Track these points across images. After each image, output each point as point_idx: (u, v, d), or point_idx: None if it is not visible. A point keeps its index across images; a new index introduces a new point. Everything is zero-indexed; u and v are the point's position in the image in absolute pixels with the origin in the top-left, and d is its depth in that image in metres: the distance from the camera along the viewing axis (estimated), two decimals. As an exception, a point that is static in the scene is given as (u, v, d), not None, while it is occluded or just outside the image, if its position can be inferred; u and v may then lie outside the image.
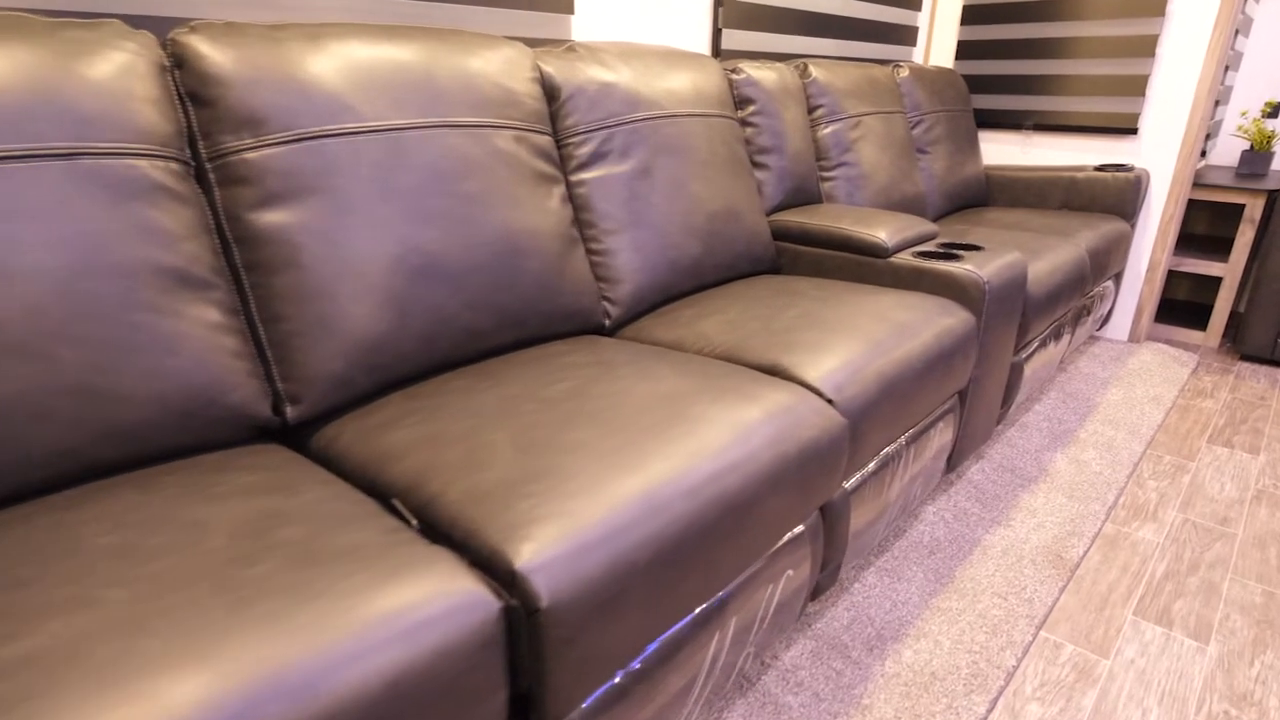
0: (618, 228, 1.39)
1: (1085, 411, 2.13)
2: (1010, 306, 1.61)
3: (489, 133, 1.18)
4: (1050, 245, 2.00)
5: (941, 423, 1.48)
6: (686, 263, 1.49)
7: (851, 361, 1.17)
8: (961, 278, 1.50)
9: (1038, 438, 1.97)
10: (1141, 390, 2.28)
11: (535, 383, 1.04)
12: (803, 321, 1.30)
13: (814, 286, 1.51)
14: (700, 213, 1.52)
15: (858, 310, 1.35)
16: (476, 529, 0.75)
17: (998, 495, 1.69)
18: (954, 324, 1.42)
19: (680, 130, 1.51)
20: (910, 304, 1.41)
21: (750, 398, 1.01)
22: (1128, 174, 2.47)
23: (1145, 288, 2.63)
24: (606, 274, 1.39)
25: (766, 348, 1.21)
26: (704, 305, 1.43)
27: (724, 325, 1.31)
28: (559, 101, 1.36)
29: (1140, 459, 1.90)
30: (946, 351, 1.37)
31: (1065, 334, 2.11)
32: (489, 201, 1.15)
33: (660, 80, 1.52)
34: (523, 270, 1.19)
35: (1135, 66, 2.48)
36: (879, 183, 2.09)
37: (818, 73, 2.00)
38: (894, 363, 1.23)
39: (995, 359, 1.63)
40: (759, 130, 1.79)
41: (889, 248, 1.60)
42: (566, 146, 1.37)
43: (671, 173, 1.47)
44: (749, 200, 1.66)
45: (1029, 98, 2.71)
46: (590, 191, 1.38)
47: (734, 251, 1.60)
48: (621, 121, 1.42)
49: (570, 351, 1.19)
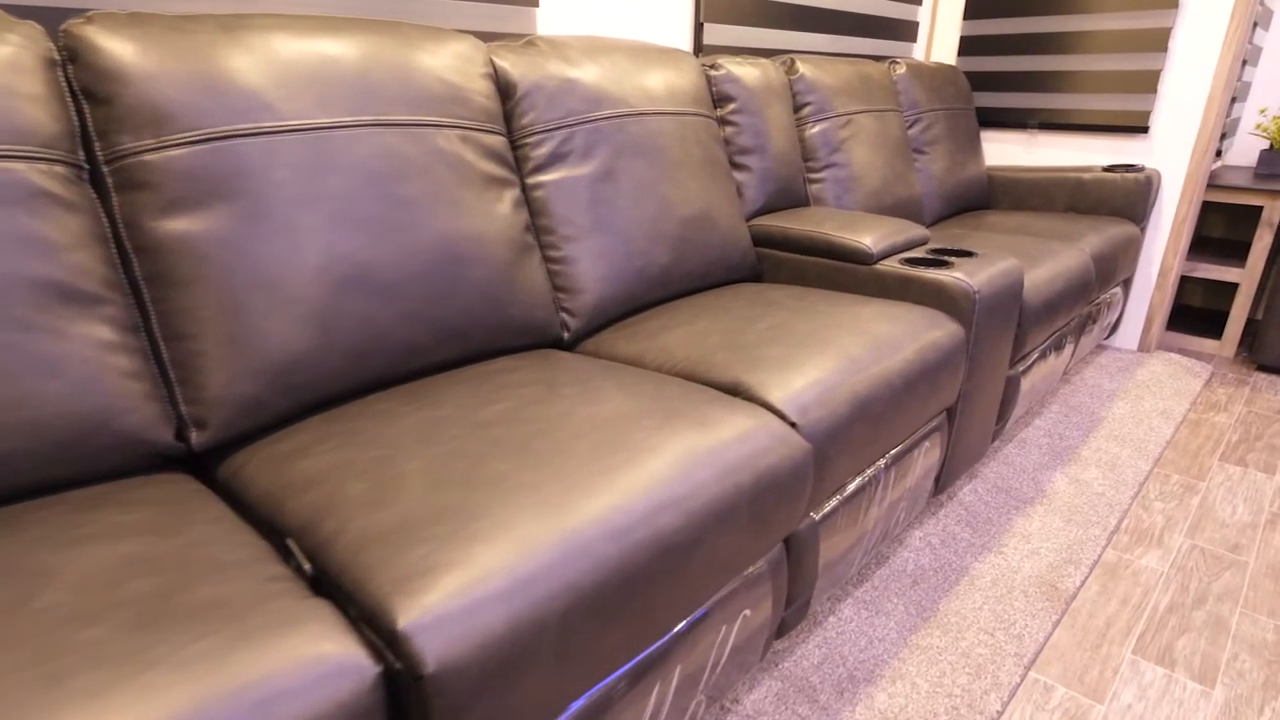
0: (578, 234, 1.31)
1: (1089, 426, 2.01)
2: (1004, 317, 1.50)
3: (430, 132, 1.10)
4: (1052, 251, 1.89)
5: (927, 442, 1.38)
6: (654, 271, 1.40)
7: (821, 380, 1.08)
8: (950, 287, 1.40)
9: (1036, 455, 1.86)
10: (1150, 403, 2.17)
11: (468, 404, 0.96)
12: (773, 335, 1.20)
13: (791, 296, 1.42)
14: (670, 217, 1.43)
15: (834, 322, 1.26)
16: (365, 578, 0.66)
17: (990, 518, 1.59)
18: (940, 337, 1.32)
19: (649, 130, 1.42)
20: (893, 315, 1.31)
21: (701, 423, 0.92)
22: (1137, 175, 2.35)
23: (1156, 294, 2.51)
24: (565, 283, 1.30)
25: (730, 364, 1.12)
26: (671, 316, 1.34)
27: (688, 339, 1.22)
28: (514, 99, 1.28)
29: (1146, 478, 1.79)
30: (931, 367, 1.28)
31: (1068, 344, 2.00)
32: (428, 206, 1.07)
33: (628, 77, 1.43)
34: (465, 280, 1.11)
35: (1146, 61, 2.36)
36: (871, 184, 1.99)
37: (805, 69, 1.90)
38: (870, 381, 1.13)
39: (988, 373, 1.53)
40: (739, 130, 1.69)
41: (873, 254, 1.50)
42: (522, 147, 1.28)
43: (638, 175, 1.39)
44: (726, 204, 1.57)
45: (1034, 95, 2.60)
46: (548, 195, 1.29)
47: (708, 259, 1.51)
48: (583, 120, 1.33)
49: (517, 368, 1.10)
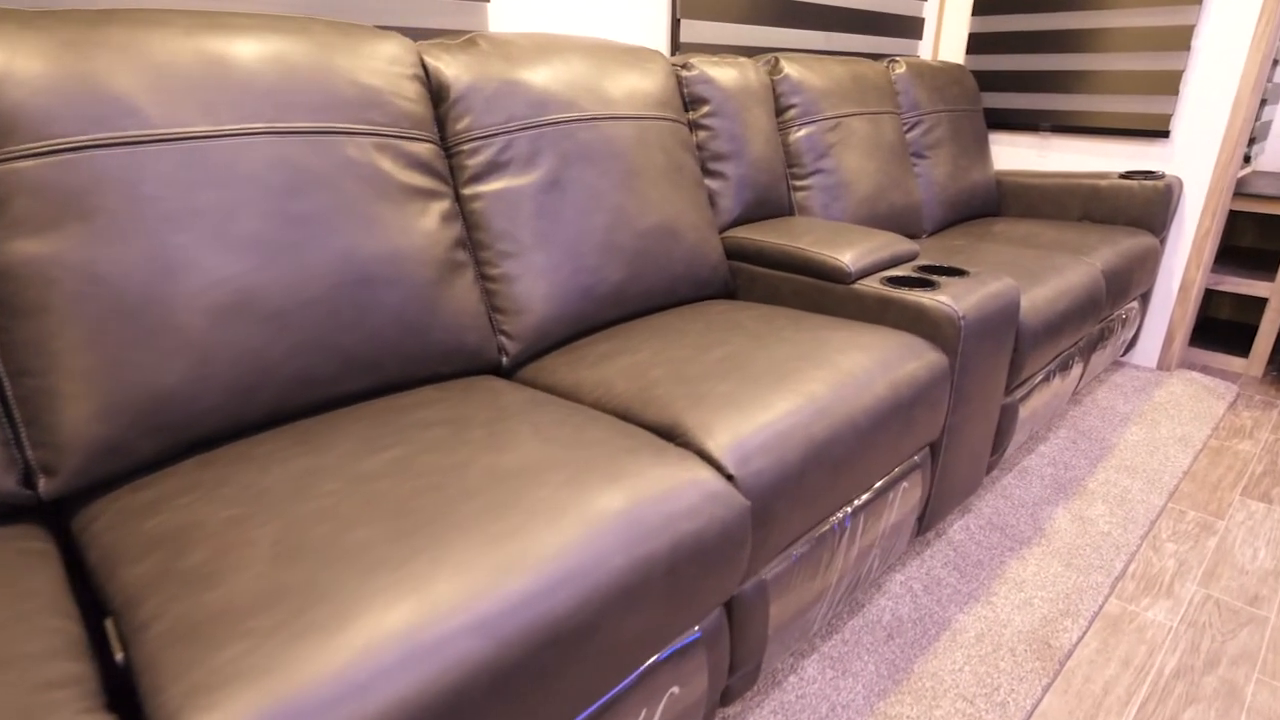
0: (518, 249, 1.19)
1: (1098, 455, 1.86)
2: (996, 342, 1.37)
3: (338, 140, 0.99)
4: (1058, 266, 1.74)
5: (906, 482, 1.25)
6: (605, 289, 1.28)
7: (771, 424, 0.95)
8: (932, 311, 1.27)
9: (1038, 487, 1.71)
10: (1167, 428, 2.01)
11: (358, 449, 0.85)
12: (725, 367, 1.08)
13: (757, 318, 1.29)
14: (626, 230, 1.31)
15: (798, 352, 1.13)
16: (161, 685, 0.55)
17: (981, 561, 1.45)
18: (918, 369, 1.18)
19: (603, 135, 1.30)
20: (866, 343, 1.18)
21: (617, 478, 0.80)
22: (1157, 182, 2.19)
23: (1176, 309, 2.34)
24: (504, 304, 1.19)
25: (670, 402, 1.00)
26: (621, 341, 1.22)
27: (632, 369, 1.10)
28: (448, 102, 1.16)
29: (1158, 516, 1.63)
30: (906, 403, 1.14)
31: (1075, 365, 1.85)
32: (331, 222, 0.96)
33: (582, 78, 1.31)
34: (376, 304, 1.00)
35: (1167, 61, 2.19)
36: (862, 191, 1.85)
37: (791, 68, 1.77)
38: (830, 423, 1.01)
39: (978, 403, 1.39)
40: (713, 134, 1.57)
41: (850, 272, 1.37)
42: (457, 155, 1.17)
43: (589, 184, 1.27)
44: (694, 214, 1.44)
45: (1047, 96, 2.44)
46: (486, 207, 1.18)
47: (671, 275, 1.39)
48: (526, 125, 1.21)
49: (431, 403, 0.99)
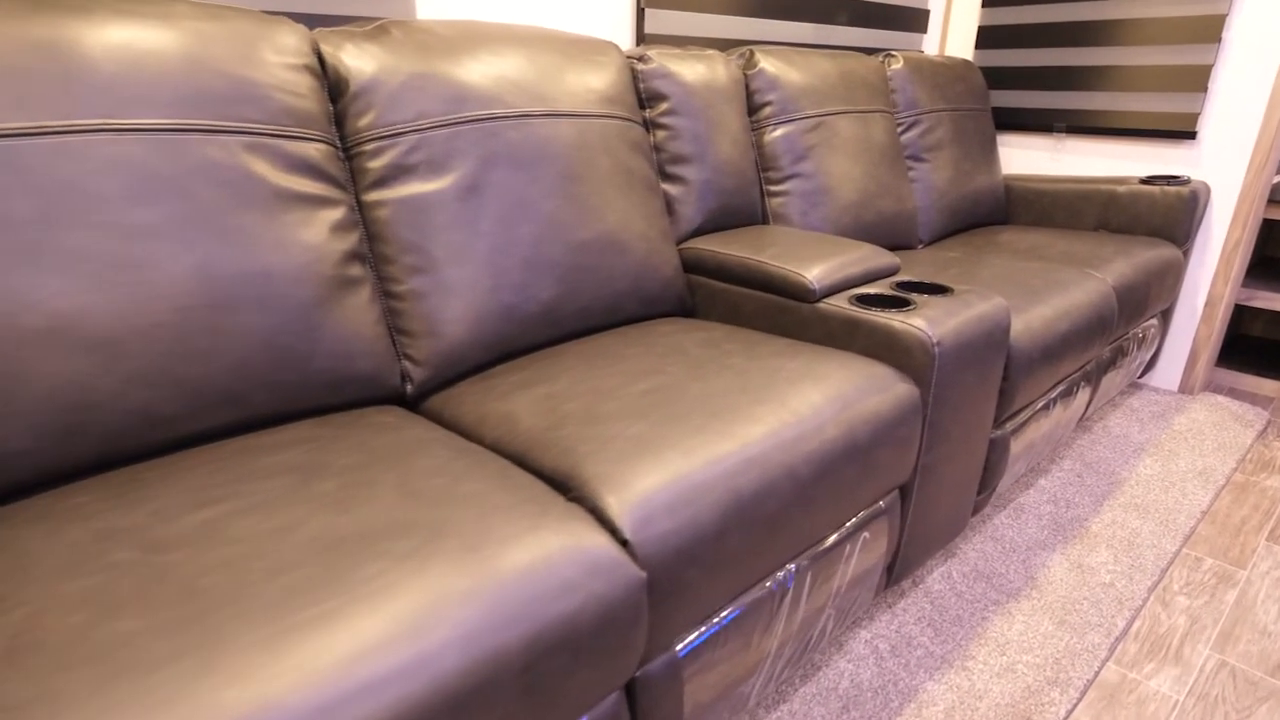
0: (427, 264, 1.06)
1: (1105, 490, 1.68)
2: (981, 370, 1.20)
3: (195, 140, 0.86)
4: (1062, 281, 1.57)
5: (868, 531, 1.09)
6: (533, 308, 1.14)
7: (686, 475, 0.81)
8: (903, 335, 1.11)
9: (1033, 528, 1.54)
10: (1186, 460, 1.82)
11: (176, 505, 0.72)
12: (649, 401, 0.93)
13: (705, 343, 1.15)
14: (559, 242, 1.17)
15: (740, 384, 0.98)
16: None
17: (960, 617, 1.29)
18: (882, 404, 1.03)
19: (535, 135, 1.16)
20: (822, 373, 1.03)
21: (477, 546, 0.66)
22: (1181, 188, 2.00)
23: (1201, 328, 2.14)
24: (409, 325, 1.06)
25: (574, 444, 0.86)
26: (544, 367, 1.08)
27: (544, 402, 0.96)
28: (347, 96, 1.03)
29: (1170, 564, 1.46)
30: (864, 445, 0.99)
31: (1081, 391, 1.67)
32: (181, 236, 0.83)
33: (513, 70, 1.17)
34: (238, 330, 0.87)
35: (1195, 55, 2.00)
36: (846, 198, 1.69)
37: (767, 62, 1.61)
38: (762, 473, 0.86)
39: (959, 439, 1.23)
40: (673, 134, 1.42)
41: (815, 290, 1.22)
42: (358, 156, 1.04)
43: (515, 190, 1.13)
44: (644, 224, 1.30)
45: (1062, 94, 2.25)
46: (390, 216, 1.05)
47: (613, 291, 1.24)
48: (439, 123, 1.08)
49: (296, 443, 0.86)
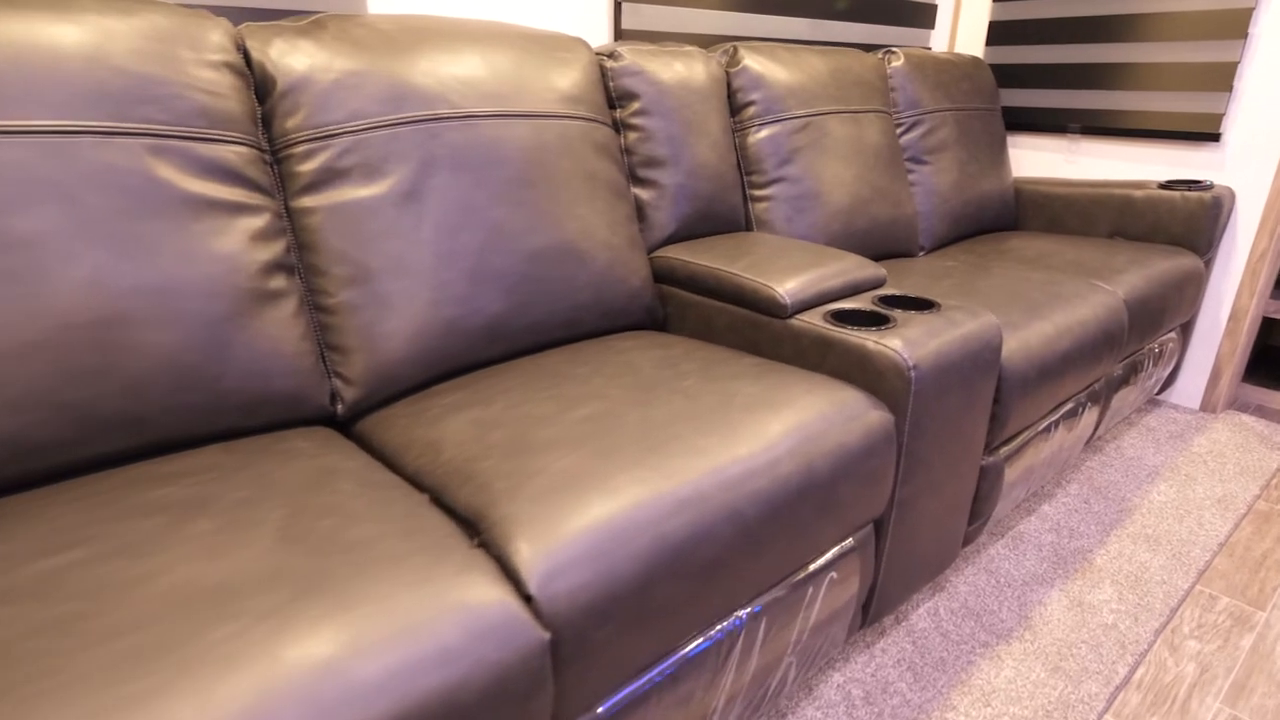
0: (360, 275, 0.99)
1: (1113, 518, 1.57)
2: (967, 394, 1.11)
3: (89, 143, 0.79)
4: (1066, 294, 1.46)
5: (835, 571, 1.00)
6: (477, 323, 1.06)
7: (609, 518, 0.73)
8: (877, 358, 1.02)
9: (1032, 560, 1.43)
10: (1204, 486, 1.69)
11: (26, 549, 0.65)
12: (585, 430, 0.85)
13: (662, 362, 1.06)
14: (508, 251, 1.09)
15: (690, 411, 0.90)
16: None
17: (944, 660, 1.19)
18: (849, 434, 0.94)
19: (483, 137, 1.08)
20: (786, 398, 0.94)
21: (352, 604, 0.59)
22: (1204, 193, 1.87)
23: (1225, 342, 2.01)
24: (340, 341, 0.98)
25: (492, 479, 0.78)
26: (484, 388, 1.00)
27: (473, 428, 0.88)
28: (274, 95, 0.96)
29: (1181, 602, 1.34)
30: (825, 480, 0.90)
31: (1088, 411, 1.56)
32: (68, 247, 0.77)
33: (462, 68, 1.10)
34: (134, 348, 0.80)
35: (1219, 51, 1.87)
36: (836, 203, 1.60)
37: (751, 60, 1.52)
38: (697, 515, 0.77)
39: (942, 469, 1.13)
40: (645, 135, 1.34)
41: (787, 305, 1.13)
42: (286, 160, 0.97)
43: (459, 196, 1.05)
44: (609, 231, 1.22)
45: (1076, 92, 2.13)
46: (321, 223, 0.98)
47: (571, 304, 1.16)
48: (376, 124, 1.01)
49: (190, 474, 0.79)
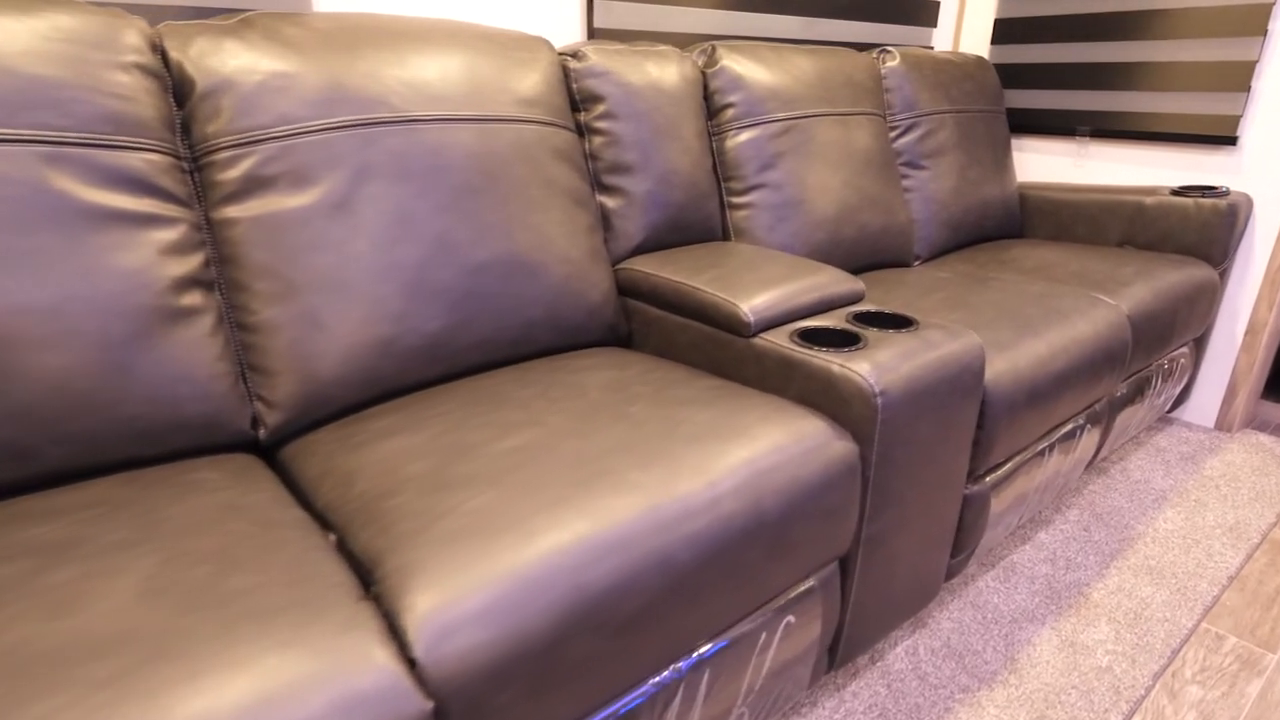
0: (285, 290, 0.92)
1: (1114, 548, 1.47)
2: (943, 421, 1.02)
3: (-28, 150, 0.74)
4: (1064, 310, 1.36)
5: (793, 615, 0.92)
6: (415, 342, 1.00)
7: (519, 569, 0.65)
8: (841, 383, 0.94)
9: (1023, 594, 1.34)
10: (1215, 513, 1.59)
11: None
12: (511, 462, 0.78)
13: (612, 384, 0.99)
14: (451, 264, 1.02)
15: (629, 441, 0.82)
16: None
17: (919, 707, 1.10)
18: (805, 467, 0.86)
19: (424, 142, 1.02)
20: (740, 427, 0.86)
21: (201, 672, 0.52)
22: (1218, 200, 1.76)
23: (1241, 358, 1.90)
24: (263, 362, 0.92)
25: (398, 519, 0.71)
26: (416, 412, 0.94)
27: (393, 459, 0.82)
28: (193, 98, 0.90)
29: (1184, 643, 1.25)
30: (775, 521, 0.82)
31: (1089, 433, 1.46)
32: (-57, 263, 0.71)
33: (404, 69, 1.03)
34: (16, 372, 0.74)
35: (1236, 49, 1.76)
36: (822, 211, 1.51)
37: (730, 60, 1.44)
38: (623, 563, 0.70)
39: (917, 501, 1.05)
40: (611, 140, 1.26)
41: (750, 323, 1.05)
42: (207, 167, 0.91)
43: (398, 205, 0.99)
44: (568, 242, 1.14)
45: (1086, 93, 2.02)
46: (243, 235, 0.91)
47: (522, 320, 1.09)
48: (305, 129, 0.94)
49: (73, 510, 0.73)
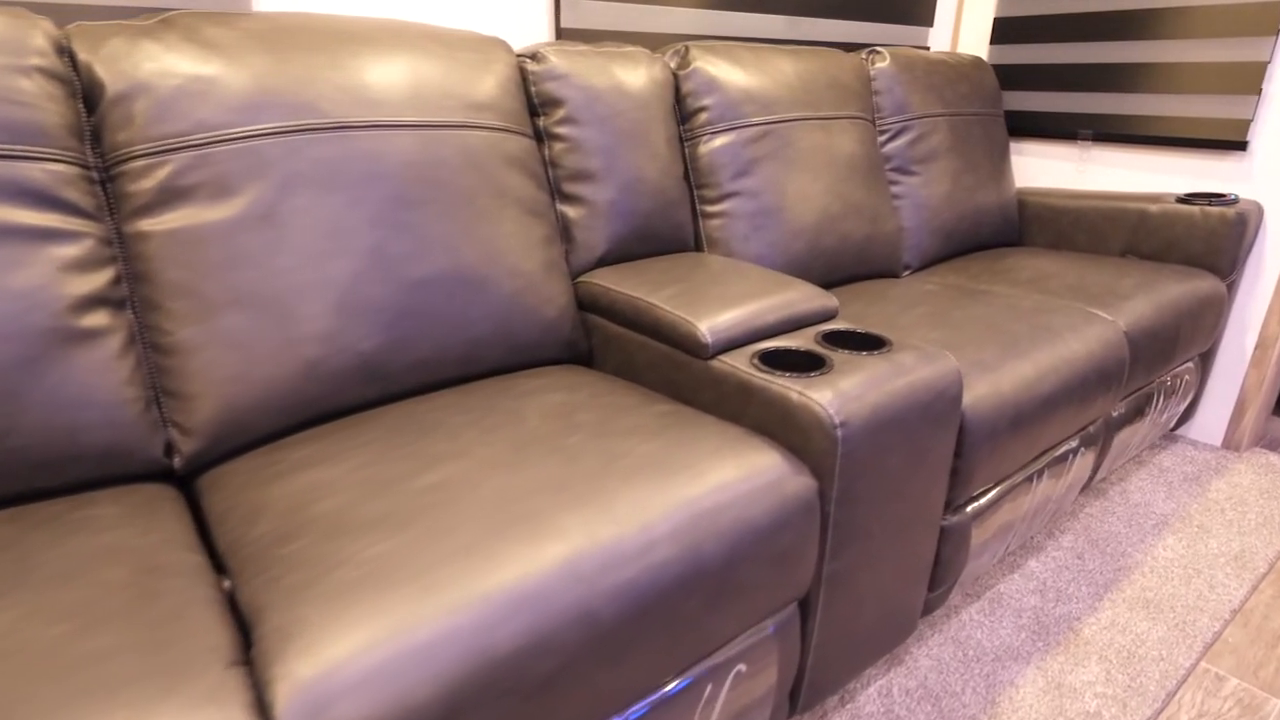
0: (202, 310, 0.86)
1: (1110, 578, 1.39)
2: (914, 451, 0.95)
3: None
4: (1056, 327, 1.28)
5: (744, 664, 0.85)
6: (345, 363, 0.93)
7: (411, 630, 0.59)
8: (800, 412, 0.86)
9: (1008, 629, 1.26)
10: (1219, 540, 1.50)
11: None
12: (424, 503, 0.72)
13: (554, 411, 0.92)
14: (387, 280, 0.96)
15: (561, 478, 0.76)
16: None
17: (889, 756, 1.03)
18: (753, 507, 0.79)
19: (355, 149, 0.95)
20: (683, 463, 0.79)
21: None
22: (1227, 208, 1.67)
23: (1251, 374, 1.80)
24: (178, 386, 0.86)
25: (287, 570, 0.64)
26: (342, 439, 0.87)
27: (300, 494, 0.75)
28: (103, 105, 0.84)
29: (1181, 684, 1.16)
30: (717, 568, 0.75)
31: (1083, 455, 1.38)
32: None
33: (338, 72, 0.97)
34: (-115, 402, 0.69)
35: (1247, 50, 1.67)
36: (801, 219, 1.44)
37: (704, 61, 1.37)
38: (536, 620, 0.63)
39: (886, 536, 0.97)
40: (571, 146, 1.20)
41: (708, 344, 0.98)
42: (118, 178, 0.85)
43: (328, 218, 0.92)
44: (521, 254, 1.08)
45: (1089, 95, 1.94)
46: (157, 250, 0.85)
47: (468, 338, 1.03)
48: (225, 136, 0.88)
49: (-52, 551, 0.67)
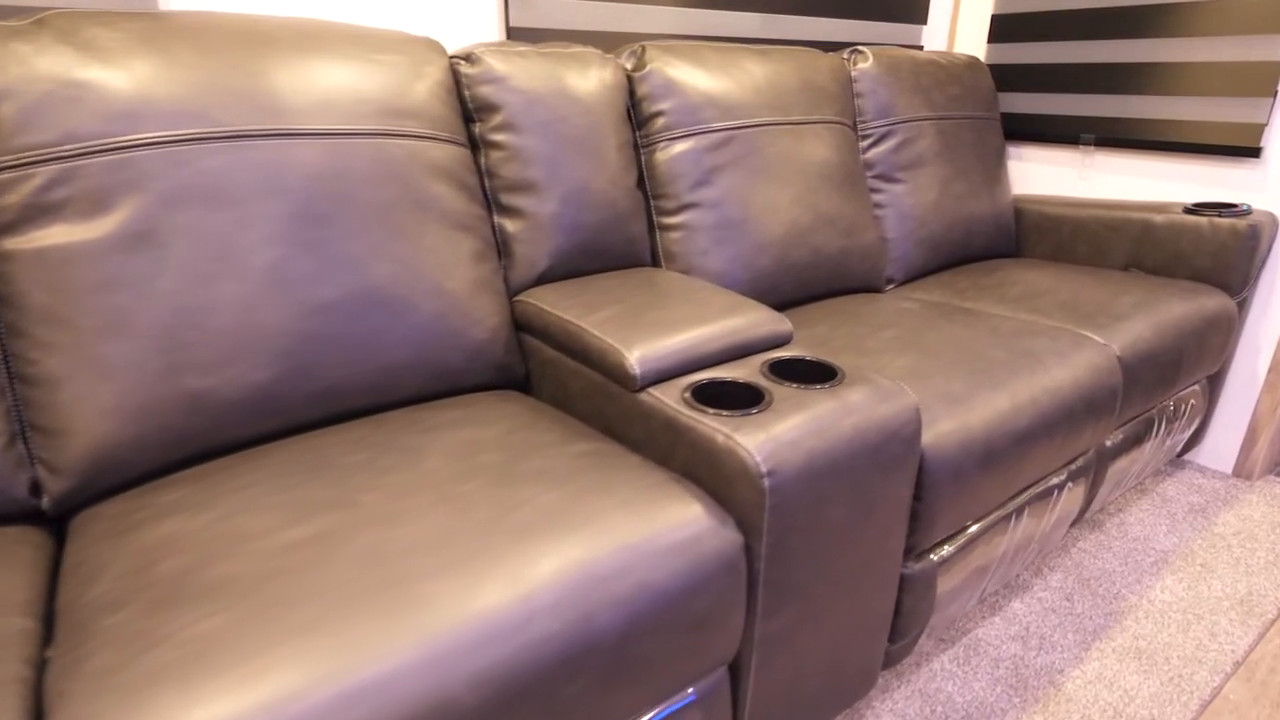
0: (70, 338, 0.79)
1: (1100, 623, 1.28)
2: (862, 500, 0.85)
3: None
4: (1038, 352, 1.18)
5: (661, 736, 0.76)
6: (234, 394, 0.85)
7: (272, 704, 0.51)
8: (724, 457, 0.77)
9: (983, 681, 1.16)
10: (1225, 580, 1.38)
11: None
12: (284, 564, 0.63)
13: (460, 450, 0.83)
14: (287, 305, 0.88)
15: (444, 535, 0.67)
16: None
17: (836, 830, 0.93)
18: (658, 571, 0.70)
19: (249, 160, 0.87)
20: (585, 517, 0.71)
21: None
22: (1238, 220, 1.55)
23: (1264, 398, 1.68)
24: (44, 420, 0.79)
25: (99, 648, 0.56)
26: (214, 483, 0.79)
27: (153, 550, 0.67)
28: (-39, 114, 0.77)
29: (1171, 750, 1.05)
30: (613, 642, 0.66)
31: (1070, 491, 1.27)
32: None
33: (235, 76, 0.89)
34: None
35: (1261, 48, 1.55)
36: (767, 232, 1.34)
37: (662, 62, 1.28)
38: (384, 708, 0.55)
39: (829, 591, 0.88)
40: (509, 155, 1.11)
41: (637, 376, 0.89)
42: (-22, 193, 0.78)
43: (215, 237, 0.85)
44: (445, 272, 1.00)
45: (1091, 98, 1.82)
46: (21, 272, 0.78)
47: (383, 364, 0.95)
48: (98, 148, 0.81)
49: None
